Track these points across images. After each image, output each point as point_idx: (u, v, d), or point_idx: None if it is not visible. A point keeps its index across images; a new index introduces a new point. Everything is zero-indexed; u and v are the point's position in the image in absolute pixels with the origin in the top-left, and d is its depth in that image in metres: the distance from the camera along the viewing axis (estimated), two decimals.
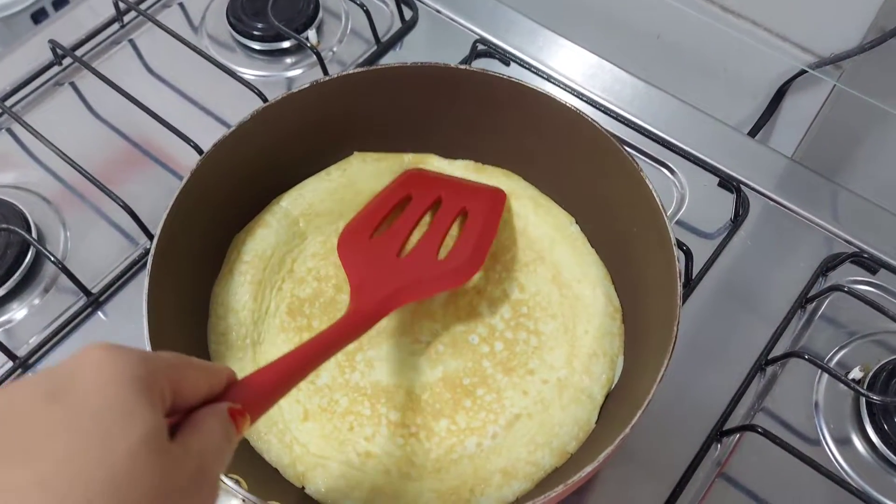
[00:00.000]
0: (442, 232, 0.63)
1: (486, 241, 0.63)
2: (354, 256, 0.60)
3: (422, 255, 0.61)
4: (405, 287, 0.57)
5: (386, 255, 0.61)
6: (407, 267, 0.60)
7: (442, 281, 0.60)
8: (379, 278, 0.58)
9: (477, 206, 0.65)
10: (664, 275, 0.53)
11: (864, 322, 0.69)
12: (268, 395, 0.40)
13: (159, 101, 0.79)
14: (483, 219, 0.64)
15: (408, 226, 0.63)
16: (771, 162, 0.79)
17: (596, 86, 0.84)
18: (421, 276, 0.59)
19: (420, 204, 0.65)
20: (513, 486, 0.55)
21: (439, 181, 0.68)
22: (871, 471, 0.63)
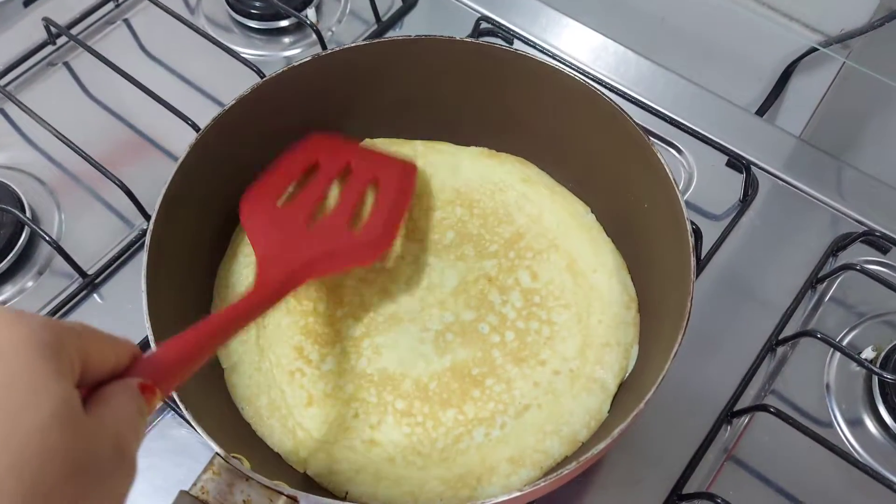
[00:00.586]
0: (353, 203, 0.60)
1: (397, 215, 0.60)
2: (261, 225, 0.56)
3: (332, 226, 0.58)
4: (315, 260, 0.54)
5: (294, 225, 0.57)
6: (317, 239, 0.56)
7: (354, 255, 0.57)
8: (287, 250, 0.54)
9: (388, 177, 0.62)
10: (676, 251, 0.52)
11: (876, 302, 0.68)
12: (175, 370, 0.39)
13: (155, 81, 0.77)
14: (395, 191, 0.61)
15: (316, 194, 0.59)
16: (779, 141, 0.78)
17: (601, 65, 0.83)
18: (332, 248, 0.56)
19: (328, 171, 0.61)
20: (520, 474, 0.54)
21: (347, 148, 0.64)
22: (883, 451, 0.62)
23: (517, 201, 0.66)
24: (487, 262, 0.63)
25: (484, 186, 0.67)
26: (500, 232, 0.64)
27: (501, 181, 0.67)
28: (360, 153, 0.64)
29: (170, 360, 0.39)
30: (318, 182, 0.60)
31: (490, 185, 0.67)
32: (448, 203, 0.66)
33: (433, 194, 0.66)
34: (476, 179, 0.67)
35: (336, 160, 0.62)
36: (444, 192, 0.67)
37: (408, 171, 0.64)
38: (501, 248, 0.63)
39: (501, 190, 0.66)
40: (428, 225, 0.65)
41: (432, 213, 0.65)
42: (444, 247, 0.64)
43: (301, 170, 0.61)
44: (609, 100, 0.57)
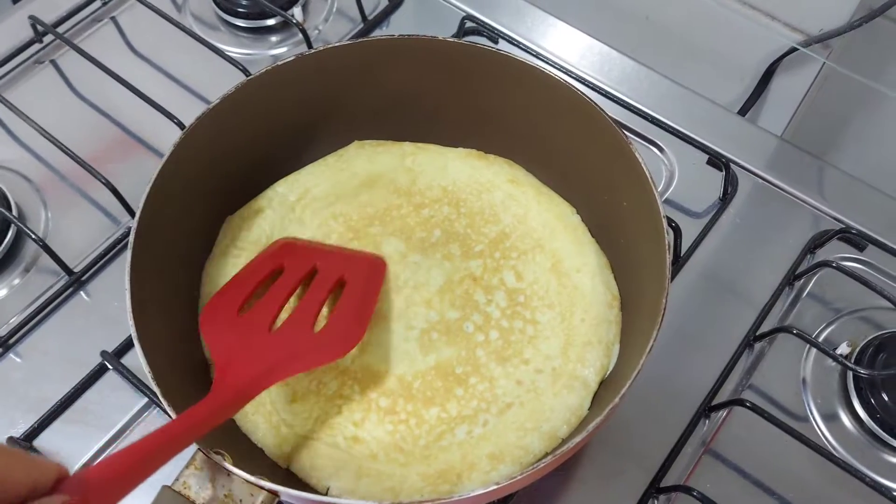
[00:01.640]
0: (317, 303, 0.58)
1: (366, 312, 0.58)
2: (220, 334, 0.54)
3: (295, 327, 0.56)
4: (279, 363, 0.52)
5: (256, 330, 0.55)
6: (280, 341, 0.54)
7: (319, 354, 0.55)
8: (249, 355, 0.52)
9: (355, 274, 0.60)
10: (654, 249, 0.53)
11: (852, 298, 0.69)
12: (112, 488, 0.37)
13: (142, 79, 0.77)
14: (362, 288, 0.59)
15: (279, 298, 0.57)
16: (760, 140, 0.79)
17: (586, 65, 0.83)
18: (296, 350, 0.54)
19: (293, 275, 0.59)
20: (500, 470, 0.54)
21: (314, 250, 0.63)
22: (858, 445, 0.63)
23: (504, 201, 0.66)
24: (473, 261, 0.63)
25: (471, 186, 0.67)
26: (485, 232, 0.65)
27: (489, 181, 0.67)
28: (325, 254, 0.62)
29: (107, 476, 0.38)
30: (282, 286, 0.58)
31: (477, 185, 0.67)
32: (435, 201, 0.67)
33: (421, 192, 0.67)
34: (464, 179, 0.68)
35: (301, 263, 0.61)
36: (431, 190, 0.67)
37: (376, 266, 0.62)
38: (487, 247, 0.64)
39: (488, 190, 0.67)
40: (415, 223, 0.66)
41: (420, 211, 0.66)
42: (430, 245, 0.64)
43: (263, 276, 0.59)
44: (589, 99, 0.58)
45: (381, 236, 0.65)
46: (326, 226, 0.65)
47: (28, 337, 0.67)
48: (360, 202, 0.66)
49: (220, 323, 0.55)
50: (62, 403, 0.63)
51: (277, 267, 0.60)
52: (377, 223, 0.65)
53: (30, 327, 0.67)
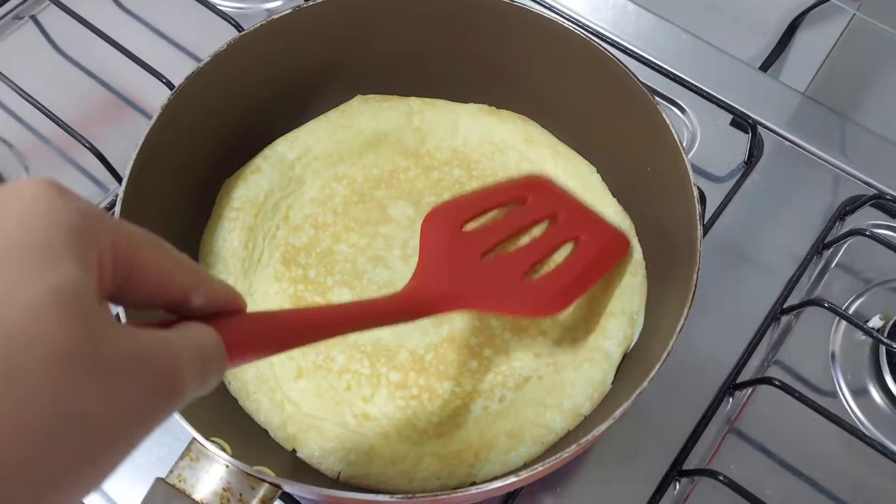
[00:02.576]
0: (542, 251, 0.54)
1: (584, 283, 0.54)
2: (435, 237, 0.52)
3: (507, 266, 0.52)
4: (474, 293, 0.50)
5: (469, 250, 0.52)
6: (485, 272, 0.51)
7: (515, 303, 0.52)
8: (452, 271, 0.50)
9: (593, 240, 0.55)
10: (683, 218, 0.49)
11: (884, 268, 0.66)
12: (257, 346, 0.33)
13: (129, 36, 0.73)
14: (593, 257, 0.55)
15: (506, 230, 0.54)
16: (784, 98, 0.75)
17: (600, 18, 0.79)
18: (496, 288, 0.51)
19: (533, 212, 0.56)
20: (520, 451, 0.52)
21: (564, 199, 0.58)
22: (889, 422, 0.60)
23: (518, 163, 0.63)
24: None
25: (483, 147, 0.64)
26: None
27: (502, 141, 0.64)
28: (573, 206, 0.58)
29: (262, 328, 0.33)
30: (514, 218, 0.55)
31: (490, 145, 0.64)
32: (445, 163, 0.63)
33: (430, 153, 0.63)
34: (475, 139, 0.64)
35: (545, 205, 0.56)
36: (441, 151, 0.64)
37: (618, 242, 0.57)
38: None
39: (501, 151, 0.63)
40: (424, 186, 0.62)
41: (429, 174, 0.62)
42: None
43: (504, 201, 0.56)
44: (612, 56, 0.54)
45: (387, 200, 0.61)
46: (329, 188, 0.61)
47: None
48: (365, 163, 0.63)
49: (441, 227, 0.53)
50: None
51: (521, 198, 0.56)
52: (383, 186, 0.62)
53: None
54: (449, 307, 0.48)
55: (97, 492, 0.57)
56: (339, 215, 0.60)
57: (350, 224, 0.60)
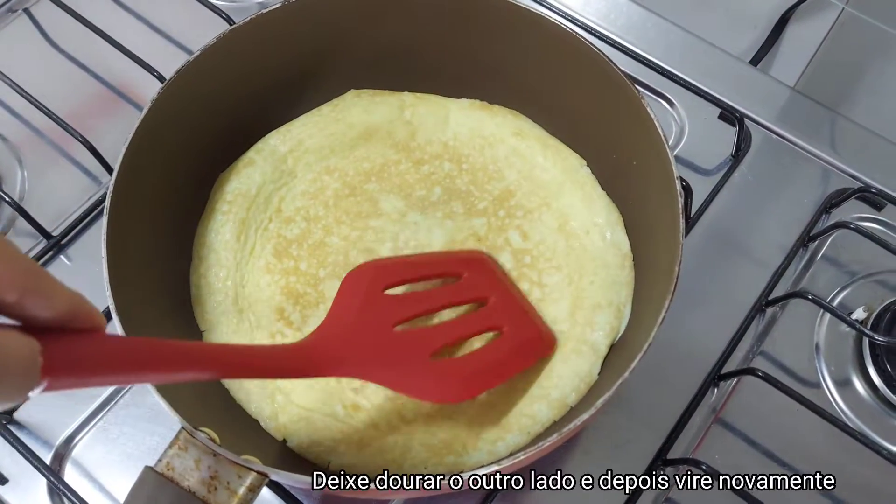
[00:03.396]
0: (459, 333, 0.52)
1: (495, 376, 0.51)
2: (352, 294, 0.49)
3: (417, 341, 0.50)
4: (376, 365, 0.47)
5: (383, 316, 0.49)
6: (392, 344, 0.49)
7: (416, 384, 0.49)
8: (355, 333, 0.47)
9: (518, 334, 0.53)
10: (666, 211, 0.50)
11: (868, 261, 0.66)
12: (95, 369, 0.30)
13: (122, 28, 0.73)
14: (511, 351, 0.52)
15: (430, 302, 0.52)
16: (773, 92, 0.75)
17: (590, 11, 0.79)
18: (399, 363, 0.48)
19: (464, 291, 0.53)
20: (507, 441, 0.52)
21: (500, 284, 0.56)
22: (871, 413, 0.61)
23: (508, 157, 0.63)
24: (476, 220, 0.60)
25: (473, 140, 0.64)
26: (489, 189, 0.62)
27: (492, 135, 0.64)
28: (506, 294, 0.55)
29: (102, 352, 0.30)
30: (442, 294, 0.53)
31: (480, 139, 0.64)
32: (436, 157, 0.63)
33: (421, 147, 0.64)
34: (465, 133, 0.64)
35: (478, 286, 0.54)
36: (431, 145, 0.64)
37: (542, 343, 0.54)
38: (491, 205, 0.61)
39: (491, 145, 0.64)
40: (415, 180, 0.62)
41: (419, 167, 0.63)
42: (430, 203, 0.61)
43: (438, 272, 0.54)
44: (598, 51, 0.54)
45: (378, 193, 0.62)
46: (320, 181, 0.62)
47: None
48: (356, 156, 0.63)
49: (360, 285, 0.50)
50: None
51: (457, 273, 0.54)
52: (374, 179, 0.62)
53: None
54: (345, 373, 0.46)
55: (87, 478, 0.58)
56: (330, 208, 0.61)
57: (341, 217, 0.61)
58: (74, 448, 0.59)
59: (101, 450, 0.59)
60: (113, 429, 0.59)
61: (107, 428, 0.60)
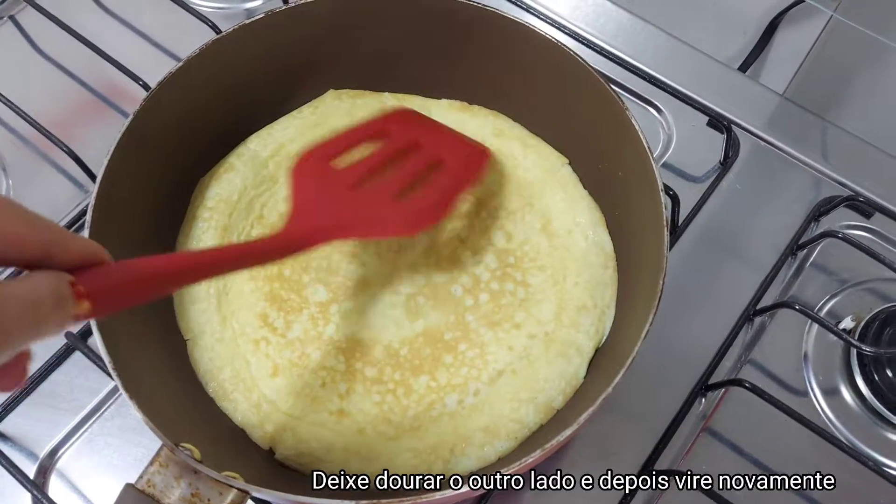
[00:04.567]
0: (408, 174, 0.56)
1: (451, 195, 0.56)
2: (305, 178, 0.53)
3: (378, 192, 0.54)
4: (349, 221, 0.51)
5: (339, 183, 0.53)
6: (358, 201, 0.53)
7: (392, 224, 0.53)
8: (324, 205, 0.51)
9: (455, 158, 0.58)
10: (652, 223, 0.50)
11: (857, 269, 0.66)
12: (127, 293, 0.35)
13: (109, 35, 0.73)
14: (457, 172, 0.57)
15: (373, 161, 0.56)
16: (762, 99, 0.75)
17: (579, 17, 0.79)
18: (370, 213, 0.53)
19: (395, 142, 0.58)
20: (495, 446, 0.52)
21: (424, 125, 0.61)
22: (859, 422, 0.61)
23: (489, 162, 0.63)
24: (459, 222, 0.60)
25: None
26: (471, 190, 0.62)
27: (473, 136, 0.64)
28: (434, 130, 0.60)
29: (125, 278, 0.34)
30: (381, 150, 0.57)
31: None
32: None
33: None
34: None
35: (408, 133, 0.59)
36: None
37: (479, 156, 0.60)
38: (473, 207, 0.61)
39: None
40: None
41: None
42: None
43: (367, 136, 0.58)
44: (583, 61, 0.54)
45: None
46: None
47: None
48: None
49: (308, 168, 0.54)
50: (28, 386, 0.60)
51: (386, 130, 0.58)
52: None
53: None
54: (326, 238, 0.50)
55: (72, 490, 0.58)
56: None
57: None
58: (59, 460, 0.59)
59: (86, 462, 0.59)
60: (98, 440, 0.59)
61: (92, 439, 0.59)
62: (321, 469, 0.52)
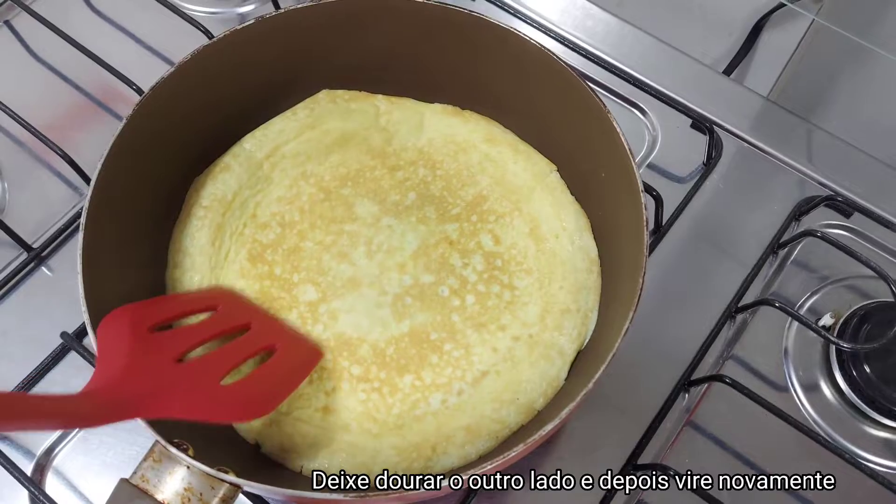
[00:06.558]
0: (237, 357, 0.51)
1: (283, 391, 0.52)
2: (117, 338, 0.46)
3: (204, 369, 0.49)
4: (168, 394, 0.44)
5: (160, 352, 0.47)
6: (180, 375, 0.47)
7: (213, 407, 0.47)
8: (139, 372, 0.44)
9: (288, 349, 0.55)
10: (633, 223, 0.51)
11: (837, 267, 0.68)
12: None
13: (103, 39, 0.74)
14: (290, 366, 0.53)
15: (199, 335, 0.51)
16: (746, 102, 0.76)
17: (567, 22, 0.80)
18: (193, 392, 0.46)
19: (224, 321, 0.54)
20: (476, 445, 0.53)
21: (254, 311, 0.57)
22: (838, 417, 0.62)
23: (481, 162, 0.64)
24: (449, 225, 0.62)
25: (447, 146, 0.65)
26: (462, 195, 0.63)
27: (465, 141, 0.65)
28: (265, 319, 0.57)
29: None
30: (207, 325, 0.52)
31: (453, 145, 0.65)
32: (410, 163, 0.64)
33: (396, 153, 0.65)
34: (439, 139, 0.65)
35: (237, 314, 0.55)
36: (406, 151, 0.65)
37: (312, 353, 0.56)
38: (464, 210, 0.62)
39: (464, 150, 0.65)
40: (390, 185, 0.63)
41: (394, 173, 0.64)
42: (405, 208, 0.62)
43: (192, 309, 0.53)
44: (566, 66, 0.55)
45: (353, 198, 0.63)
46: (296, 186, 0.63)
47: None
48: (332, 162, 0.64)
49: (123, 327, 0.47)
50: (24, 386, 0.61)
51: (210, 307, 0.55)
52: (349, 184, 0.63)
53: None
54: (138, 412, 0.42)
55: (69, 488, 0.59)
56: (305, 213, 0.62)
57: (316, 222, 0.62)
58: (55, 458, 0.60)
59: (82, 459, 0.60)
60: (93, 438, 0.60)
61: (87, 438, 0.60)
62: (305, 463, 0.53)
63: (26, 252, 0.66)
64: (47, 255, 0.67)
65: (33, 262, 0.67)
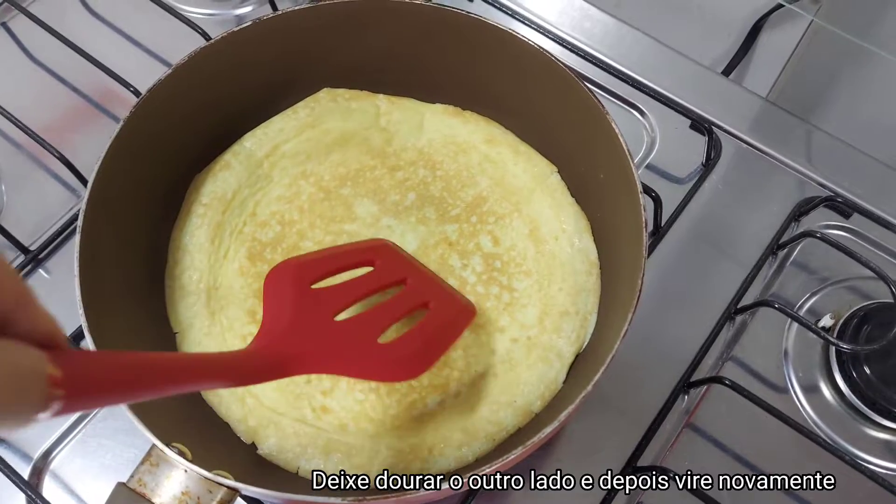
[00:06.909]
0: (395, 315, 0.51)
1: (438, 348, 0.52)
2: (281, 294, 0.48)
3: (361, 327, 0.49)
4: (326, 353, 0.46)
5: (320, 309, 0.48)
6: (339, 333, 0.48)
7: (371, 366, 0.48)
8: (300, 330, 0.46)
9: (442, 307, 0.54)
10: (632, 224, 0.51)
11: (837, 268, 0.67)
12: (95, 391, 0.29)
13: (100, 41, 0.74)
14: (444, 323, 0.53)
15: (357, 292, 0.51)
16: (745, 102, 0.76)
17: (565, 23, 0.80)
18: (350, 350, 0.48)
19: (381, 277, 0.54)
20: (473, 447, 0.53)
21: (412, 266, 0.57)
22: (838, 418, 0.62)
23: (480, 163, 0.64)
24: (449, 226, 0.61)
25: (447, 147, 0.65)
26: (462, 195, 0.63)
27: (465, 142, 0.65)
28: (421, 274, 0.56)
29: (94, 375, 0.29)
30: (365, 281, 0.52)
31: (453, 145, 0.65)
32: (411, 164, 0.64)
33: (396, 154, 0.65)
34: (439, 140, 0.65)
35: (393, 270, 0.54)
36: (406, 151, 0.65)
37: (466, 311, 0.55)
38: (463, 211, 0.62)
39: (465, 151, 0.65)
40: (389, 185, 0.63)
41: (394, 174, 0.64)
42: (404, 208, 0.62)
43: (352, 263, 0.53)
44: (565, 67, 0.55)
45: (353, 198, 0.63)
46: (296, 185, 0.63)
47: None
48: (332, 162, 0.64)
49: (286, 283, 0.48)
50: None
51: (368, 262, 0.54)
52: (349, 184, 0.63)
53: None
54: (299, 369, 0.44)
55: (66, 491, 0.58)
56: (305, 212, 0.62)
57: (315, 221, 0.61)
58: (53, 461, 0.59)
59: (79, 463, 0.59)
60: (91, 441, 0.60)
61: (85, 441, 0.60)
62: (301, 465, 0.53)
63: (23, 254, 0.66)
64: (44, 257, 0.67)
65: (30, 264, 0.66)
